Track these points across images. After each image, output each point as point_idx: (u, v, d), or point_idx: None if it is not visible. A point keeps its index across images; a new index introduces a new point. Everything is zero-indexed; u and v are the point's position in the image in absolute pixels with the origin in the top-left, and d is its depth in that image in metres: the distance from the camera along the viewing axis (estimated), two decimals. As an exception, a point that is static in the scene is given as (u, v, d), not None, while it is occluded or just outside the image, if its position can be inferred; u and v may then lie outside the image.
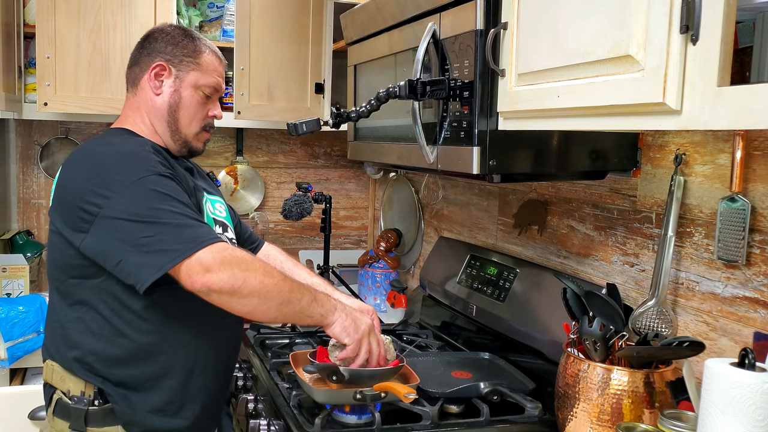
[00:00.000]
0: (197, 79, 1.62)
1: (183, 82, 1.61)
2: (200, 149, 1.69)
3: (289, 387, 1.73)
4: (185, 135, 1.64)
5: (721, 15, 0.89)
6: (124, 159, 1.47)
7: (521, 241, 2.13)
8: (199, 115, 1.64)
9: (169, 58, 1.61)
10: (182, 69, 1.61)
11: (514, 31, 1.33)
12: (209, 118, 1.67)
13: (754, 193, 1.35)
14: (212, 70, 1.64)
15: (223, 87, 1.70)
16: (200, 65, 1.62)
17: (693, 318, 1.50)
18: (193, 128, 1.64)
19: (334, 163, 3.22)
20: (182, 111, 1.62)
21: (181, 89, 1.61)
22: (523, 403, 1.64)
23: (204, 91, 1.63)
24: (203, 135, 1.67)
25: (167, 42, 1.62)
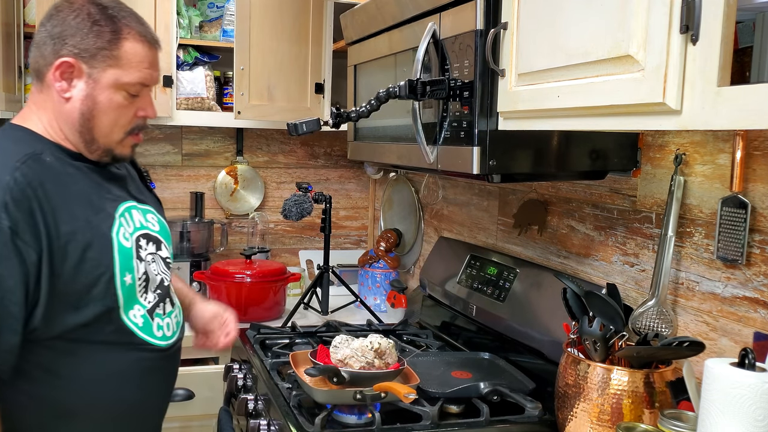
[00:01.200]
0: (117, 77, 1.31)
1: (98, 84, 1.31)
2: (127, 155, 1.41)
3: (289, 387, 1.73)
4: (105, 144, 1.36)
5: (721, 15, 0.89)
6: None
7: (521, 241, 2.13)
8: (123, 119, 1.35)
9: (78, 52, 1.29)
10: (96, 66, 1.30)
11: (514, 31, 1.33)
12: (138, 119, 1.38)
13: (754, 193, 1.35)
14: (137, 62, 1.32)
15: (156, 75, 1.39)
16: (119, 59, 1.30)
17: (693, 318, 1.50)
18: (114, 136, 1.35)
19: (334, 163, 3.22)
20: (99, 119, 1.32)
21: (95, 93, 1.31)
22: (523, 403, 1.63)
23: (128, 91, 1.33)
24: (129, 140, 1.39)
25: (75, 27, 1.29)
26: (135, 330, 1.37)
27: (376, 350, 1.61)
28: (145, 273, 1.39)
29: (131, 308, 1.36)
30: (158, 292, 1.43)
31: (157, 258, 1.44)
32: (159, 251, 1.45)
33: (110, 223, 1.35)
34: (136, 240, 1.38)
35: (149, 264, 1.41)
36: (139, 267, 1.38)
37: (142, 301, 1.39)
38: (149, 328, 1.40)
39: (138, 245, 1.39)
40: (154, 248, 1.43)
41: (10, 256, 1.19)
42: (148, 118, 1.40)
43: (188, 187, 2.99)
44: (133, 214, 1.41)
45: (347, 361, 1.61)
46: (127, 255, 1.35)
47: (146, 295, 1.40)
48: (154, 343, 1.41)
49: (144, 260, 1.39)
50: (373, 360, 1.61)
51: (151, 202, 1.53)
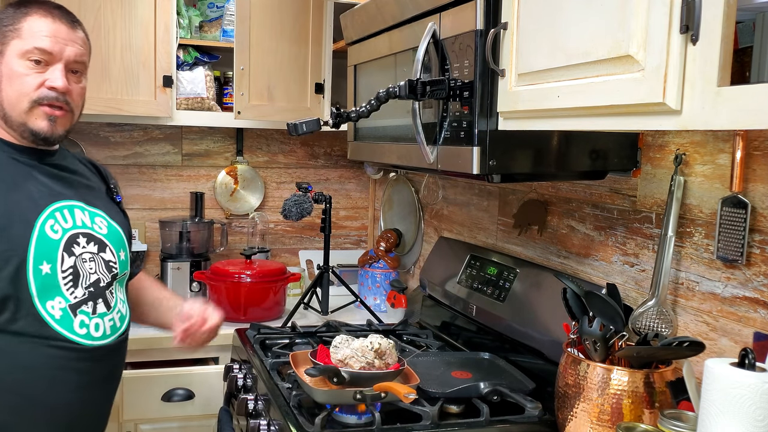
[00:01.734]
0: (19, 46, 1.39)
1: (4, 56, 1.40)
2: (44, 130, 1.42)
3: (289, 387, 1.73)
4: (16, 116, 1.40)
5: (721, 15, 0.89)
6: None
7: (521, 241, 2.13)
8: (25, 87, 1.39)
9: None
10: (4, 42, 1.41)
11: (514, 31, 1.33)
12: (44, 89, 1.40)
13: (754, 193, 1.35)
14: (38, 31, 1.40)
15: (65, 49, 1.43)
16: (20, 30, 1.40)
17: (693, 318, 1.50)
18: (21, 105, 1.40)
19: (334, 163, 3.22)
20: (5, 90, 1.40)
21: (2, 65, 1.40)
22: (523, 403, 1.63)
23: (30, 58, 1.39)
24: (39, 111, 1.41)
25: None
26: (49, 321, 1.37)
27: (377, 350, 1.61)
28: (72, 267, 1.41)
29: (50, 299, 1.38)
30: (90, 290, 1.44)
31: (96, 258, 1.47)
32: (102, 253, 1.49)
33: (37, 213, 1.39)
34: (71, 236, 1.42)
35: (84, 261, 1.44)
36: (66, 260, 1.40)
37: (67, 295, 1.40)
38: (69, 322, 1.39)
39: (73, 241, 1.42)
40: (96, 249, 1.47)
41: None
42: (55, 89, 1.41)
43: (188, 187, 2.99)
44: (75, 212, 1.46)
45: (347, 361, 1.61)
46: (50, 245, 1.38)
47: (74, 290, 1.41)
48: (73, 339, 1.40)
49: (76, 256, 1.43)
50: (374, 360, 1.61)
51: (107, 210, 1.56)
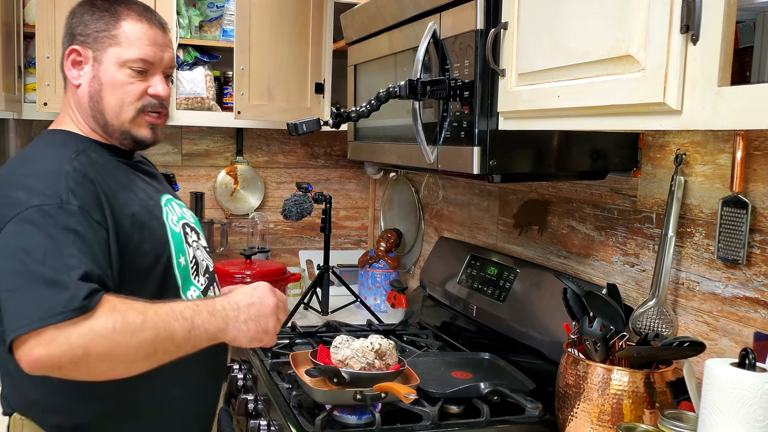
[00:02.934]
0: (118, 54, 1.35)
1: (102, 65, 1.36)
2: (148, 138, 1.42)
3: (289, 387, 1.73)
4: (119, 125, 1.38)
5: (721, 15, 0.89)
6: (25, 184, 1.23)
7: (521, 241, 2.13)
8: (129, 97, 1.37)
9: (83, 39, 1.37)
10: (99, 48, 1.36)
11: (514, 31, 1.33)
12: (148, 97, 1.39)
13: (754, 193, 1.35)
14: (136, 39, 1.36)
15: (166, 56, 1.42)
16: (118, 37, 1.35)
17: (693, 318, 1.50)
18: (125, 115, 1.38)
19: (334, 163, 3.22)
20: (106, 99, 1.36)
21: (100, 73, 1.36)
22: (523, 403, 1.63)
23: (131, 67, 1.36)
24: (143, 119, 1.40)
25: (80, 19, 1.38)
26: None
27: (377, 351, 1.61)
28: (194, 257, 1.45)
29: (188, 289, 1.41)
30: (207, 276, 1.48)
31: (200, 246, 1.50)
32: (200, 240, 1.52)
33: (159, 209, 1.40)
34: (182, 227, 1.44)
35: (197, 249, 1.47)
36: (189, 251, 1.43)
37: (197, 283, 1.44)
38: None
39: (185, 232, 1.45)
40: (196, 237, 1.50)
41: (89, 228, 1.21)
42: (159, 97, 1.40)
43: (188, 187, 2.99)
44: (173, 205, 1.47)
45: (348, 361, 1.61)
46: (178, 239, 1.41)
47: (198, 278, 1.45)
48: None
49: (191, 246, 1.45)
50: (374, 361, 1.61)
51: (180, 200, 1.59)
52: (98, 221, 1.24)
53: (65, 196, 1.20)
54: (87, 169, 1.28)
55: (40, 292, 1.10)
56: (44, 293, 1.10)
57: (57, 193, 1.20)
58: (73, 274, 1.12)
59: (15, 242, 1.15)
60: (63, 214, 1.18)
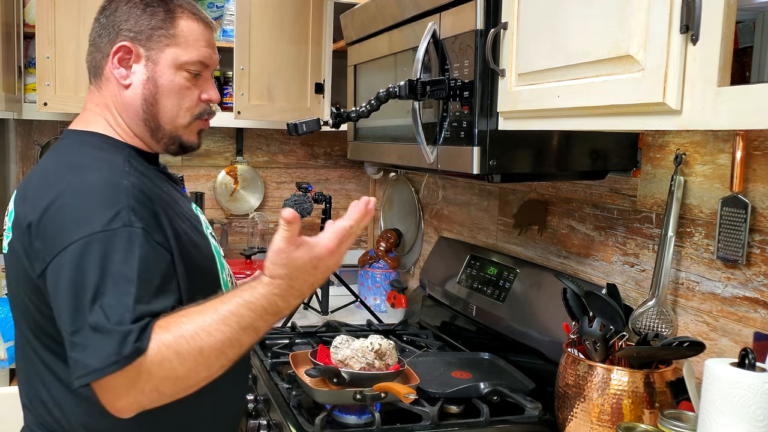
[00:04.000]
0: (177, 56, 1.25)
1: (158, 65, 1.25)
2: (195, 143, 1.35)
3: (289, 387, 1.73)
4: (171, 130, 1.29)
5: (721, 15, 0.89)
6: (80, 202, 1.11)
7: (521, 241, 2.13)
8: (187, 102, 1.28)
9: (134, 35, 1.24)
10: (153, 47, 1.25)
11: (514, 31, 1.33)
12: (203, 103, 1.31)
13: (754, 193, 1.35)
14: (194, 39, 1.27)
15: (216, 58, 1.33)
16: (177, 37, 1.25)
17: (693, 318, 1.50)
18: (180, 120, 1.29)
19: (334, 163, 3.22)
20: (162, 103, 1.26)
21: (156, 75, 1.25)
22: (523, 403, 1.63)
23: (189, 70, 1.27)
24: (197, 125, 1.32)
25: (127, 12, 1.25)
26: None
27: (377, 351, 1.61)
28: (227, 268, 1.39)
29: None
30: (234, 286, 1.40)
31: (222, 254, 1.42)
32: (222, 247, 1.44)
33: (199, 221, 1.33)
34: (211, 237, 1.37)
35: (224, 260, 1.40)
36: (225, 263, 1.37)
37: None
38: None
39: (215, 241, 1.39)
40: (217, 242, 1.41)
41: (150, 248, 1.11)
42: (211, 101, 1.32)
43: (188, 187, 2.99)
44: (199, 212, 1.39)
45: (347, 361, 1.61)
46: (218, 252, 1.35)
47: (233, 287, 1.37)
48: None
49: (223, 257, 1.39)
50: (374, 361, 1.61)
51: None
52: (160, 242, 1.13)
53: (128, 217, 1.09)
54: (141, 183, 1.17)
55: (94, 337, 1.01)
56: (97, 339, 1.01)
57: (119, 214, 1.09)
58: (126, 316, 1.02)
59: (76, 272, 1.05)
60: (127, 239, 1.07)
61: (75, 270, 1.05)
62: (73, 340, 1.03)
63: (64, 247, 1.07)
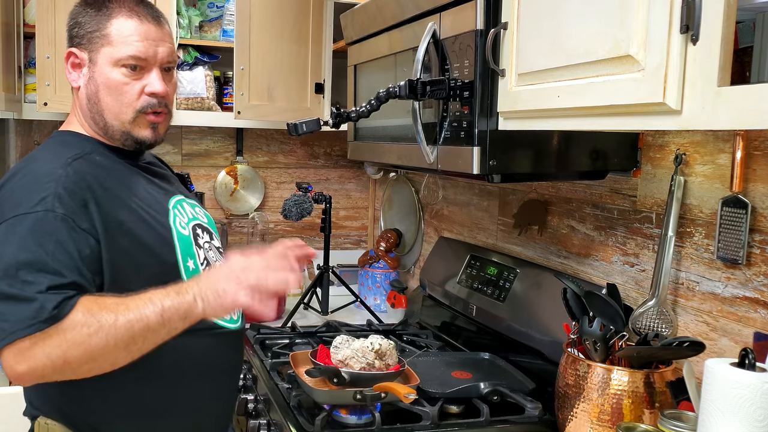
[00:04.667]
0: (110, 54, 1.31)
1: (96, 65, 1.33)
2: (149, 138, 1.38)
3: (289, 387, 1.73)
4: (119, 126, 1.35)
5: (721, 15, 0.89)
6: (19, 186, 1.23)
7: (521, 241, 2.13)
8: (126, 97, 1.33)
9: (78, 41, 1.34)
10: (93, 49, 1.32)
11: (514, 31, 1.33)
12: (146, 96, 1.34)
13: (754, 193, 1.35)
14: (126, 36, 1.31)
15: (158, 50, 1.35)
16: (109, 36, 1.31)
17: (693, 318, 1.50)
18: (125, 116, 1.34)
19: (334, 163, 3.22)
20: (103, 100, 1.33)
21: (95, 74, 1.33)
22: (523, 403, 1.63)
23: (126, 65, 1.32)
24: (143, 119, 1.36)
25: (73, 20, 1.36)
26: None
27: (377, 351, 1.61)
28: (205, 259, 1.42)
29: None
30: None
31: (212, 246, 1.48)
32: (212, 241, 1.49)
33: (165, 213, 1.37)
34: (192, 229, 1.41)
35: (208, 251, 1.45)
36: (199, 253, 1.41)
37: None
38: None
39: (195, 233, 1.42)
40: (208, 237, 1.47)
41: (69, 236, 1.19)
42: (156, 94, 1.35)
43: (188, 187, 2.99)
44: (185, 206, 1.44)
45: (348, 361, 1.61)
46: (186, 242, 1.38)
47: None
48: (224, 325, 1.40)
49: (202, 247, 1.43)
50: (374, 361, 1.61)
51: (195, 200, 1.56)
52: (85, 229, 1.21)
53: (51, 202, 1.19)
54: (84, 174, 1.26)
55: (10, 305, 1.12)
56: (13, 306, 1.12)
57: (44, 200, 1.19)
58: (43, 285, 1.12)
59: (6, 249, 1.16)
60: (45, 222, 1.18)
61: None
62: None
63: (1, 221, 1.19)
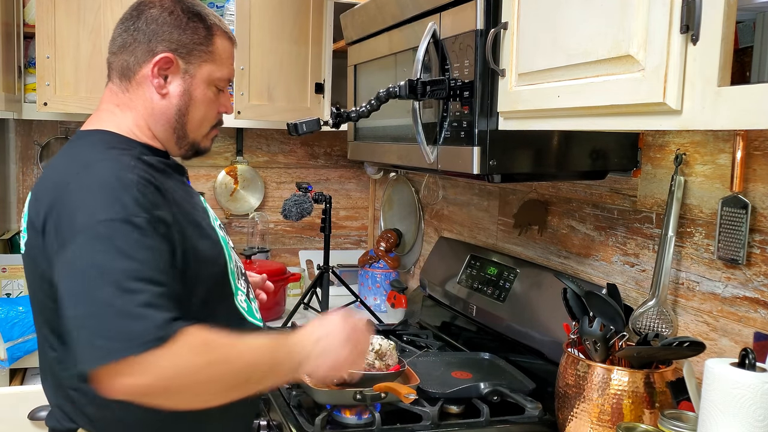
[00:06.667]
0: (211, 72, 1.33)
1: (194, 79, 1.32)
2: (209, 148, 1.43)
3: (289, 387, 1.73)
4: (194, 138, 1.37)
5: (721, 15, 0.89)
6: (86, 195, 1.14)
7: (521, 241, 2.13)
8: (210, 114, 1.37)
9: (176, 48, 1.29)
10: (193, 62, 1.31)
11: (514, 31, 1.33)
12: (219, 115, 1.40)
13: (754, 193, 1.35)
14: (227, 57, 1.36)
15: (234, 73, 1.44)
16: (214, 54, 1.33)
17: (693, 318, 1.50)
18: (203, 130, 1.38)
19: (334, 163, 3.22)
20: (192, 114, 1.34)
21: (192, 88, 1.32)
22: (523, 403, 1.63)
23: (218, 86, 1.35)
24: (212, 133, 1.41)
25: (170, 24, 1.30)
26: (244, 313, 1.38)
27: (377, 352, 1.61)
28: (235, 260, 1.42)
29: (237, 293, 1.37)
30: (244, 278, 1.46)
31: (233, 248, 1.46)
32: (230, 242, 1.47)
33: (207, 212, 1.38)
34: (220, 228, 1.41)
35: (233, 252, 1.43)
36: (232, 254, 1.41)
37: (240, 287, 1.41)
38: (251, 310, 1.42)
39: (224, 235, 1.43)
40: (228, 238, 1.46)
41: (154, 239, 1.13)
42: (226, 112, 1.42)
43: (188, 187, 2.99)
44: (207, 205, 1.44)
45: (347, 361, 1.61)
46: (226, 244, 1.38)
47: (241, 281, 1.42)
48: (256, 324, 1.42)
49: (232, 249, 1.43)
50: (374, 361, 1.61)
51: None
52: (163, 234, 1.16)
53: (131, 207, 1.12)
54: (148, 176, 1.20)
55: (116, 320, 1.04)
56: (119, 321, 1.04)
57: (123, 205, 1.11)
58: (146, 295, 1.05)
59: (84, 261, 1.08)
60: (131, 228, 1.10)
61: (87, 255, 1.08)
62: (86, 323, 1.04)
63: (70, 239, 1.10)
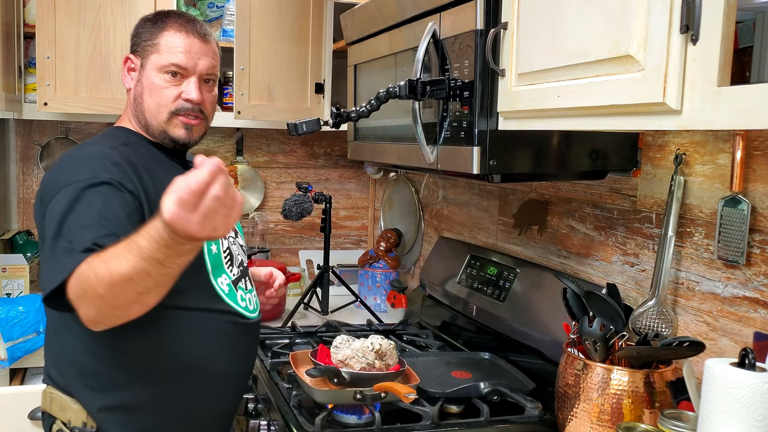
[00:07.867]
0: (156, 61, 1.51)
1: (144, 69, 1.52)
2: (182, 137, 1.53)
3: (289, 387, 1.73)
4: (156, 125, 1.52)
5: (721, 15, 0.89)
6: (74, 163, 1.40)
7: (521, 241, 2.13)
8: (165, 99, 1.51)
9: (134, 49, 1.55)
10: (144, 56, 1.53)
11: (514, 31, 1.33)
12: (181, 101, 1.51)
13: (754, 193, 1.35)
14: (172, 46, 1.51)
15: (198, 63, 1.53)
16: (159, 45, 1.51)
17: (693, 318, 1.50)
18: (161, 116, 1.51)
19: (334, 163, 3.22)
20: (146, 101, 1.52)
21: (143, 78, 1.52)
22: (523, 403, 1.63)
23: (168, 71, 1.50)
24: (177, 121, 1.52)
25: (137, 30, 1.57)
26: (222, 295, 1.51)
27: (377, 351, 1.61)
28: (228, 249, 1.57)
29: (219, 276, 1.52)
30: (240, 268, 1.60)
31: (237, 243, 1.63)
32: (237, 238, 1.64)
33: None
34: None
35: (232, 244, 1.60)
36: (223, 242, 1.55)
37: (228, 272, 1.55)
38: (234, 296, 1.54)
39: None
40: (233, 234, 1.62)
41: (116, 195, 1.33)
42: (190, 100, 1.52)
43: (188, 187, 2.98)
44: None
45: (348, 361, 1.61)
46: None
47: (232, 268, 1.56)
48: (240, 312, 1.54)
49: (226, 239, 1.58)
50: (374, 361, 1.61)
51: None
52: (131, 191, 1.36)
53: (99, 173, 1.34)
54: (127, 156, 1.42)
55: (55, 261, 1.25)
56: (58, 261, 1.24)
57: (93, 171, 1.34)
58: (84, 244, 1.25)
59: (54, 212, 1.31)
60: (93, 189, 1.31)
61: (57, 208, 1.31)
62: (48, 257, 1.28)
63: (52, 196, 1.33)
